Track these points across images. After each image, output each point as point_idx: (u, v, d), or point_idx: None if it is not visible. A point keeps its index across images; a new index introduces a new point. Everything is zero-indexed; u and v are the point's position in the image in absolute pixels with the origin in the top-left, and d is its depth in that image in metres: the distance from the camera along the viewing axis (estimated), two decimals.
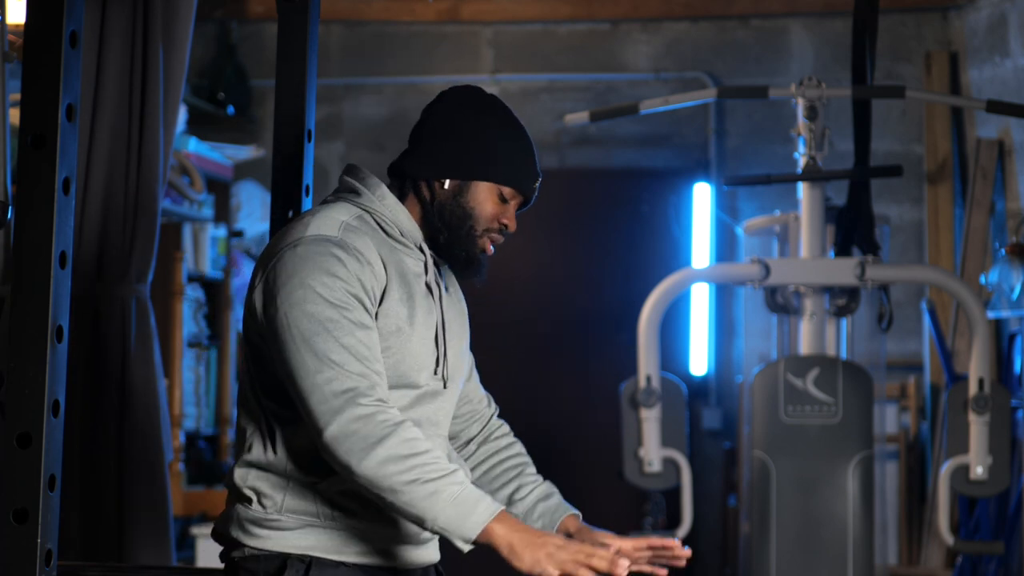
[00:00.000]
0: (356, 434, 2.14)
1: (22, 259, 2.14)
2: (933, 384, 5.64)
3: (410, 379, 2.30)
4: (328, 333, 2.17)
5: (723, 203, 5.91)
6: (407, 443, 2.15)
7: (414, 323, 2.29)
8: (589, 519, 2.56)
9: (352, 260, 2.22)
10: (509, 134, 2.38)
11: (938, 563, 5.41)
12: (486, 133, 2.36)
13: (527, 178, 2.39)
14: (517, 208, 2.41)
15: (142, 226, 3.46)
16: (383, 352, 2.25)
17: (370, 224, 2.32)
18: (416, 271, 2.34)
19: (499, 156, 2.36)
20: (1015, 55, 5.48)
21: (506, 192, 2.37)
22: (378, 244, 2.29)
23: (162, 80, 3.45)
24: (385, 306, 2.26)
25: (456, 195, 2.35)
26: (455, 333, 2.42)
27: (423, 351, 2.31)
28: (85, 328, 3.45)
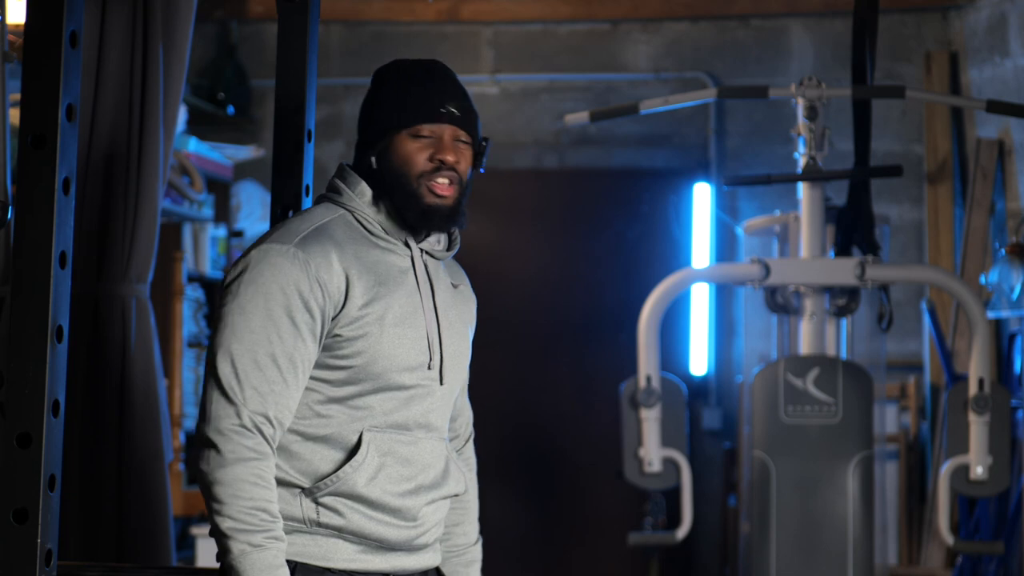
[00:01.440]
0: (209, 450, 2.18)
1: (22, 259, 2.14)
2: (933, 384, 5.64)
3: (390, 380, 2.28)
4: (227, 347, 2.20)
5: (723, 203, 5.91)
6: (240, 483, 2.17)
7: (385, 323, 2.27)
8: (589, 519, 2.57)
9: (294, 269, 2.22)
10: (399, 81, 2.34)
11: (938, 563, 5.41)
12: (379, 93, 2.35)
13: (429, 107, 2.32)
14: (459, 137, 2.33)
15: (142, 226, 3.46)
16: (351, 357, 2.25)
17: (350, 224, 2.32)
18: (402, 267, 2.33)
19: (394, 103, 2.32)
20: (1015, 55, 5.47)
21: (421, 131, 2.31)
22: (352, 245, 2.29)
23: (162, 80, 3.45)
24: (347, 311, 2.25)
25: (383, 163, 2.32)
26: (457, 330, 2.40)
27: (403, 351, 2.29)
28: (85, 328, 3.44)
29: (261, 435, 2.20)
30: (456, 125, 2.33)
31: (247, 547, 2.17)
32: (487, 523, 2.51)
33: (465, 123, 2.34)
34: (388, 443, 2.29)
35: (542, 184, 6.09)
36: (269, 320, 2.21)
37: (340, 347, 2.26)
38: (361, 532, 2.28)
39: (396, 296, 2.30)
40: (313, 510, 2.26)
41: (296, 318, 2.21)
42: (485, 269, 5.92)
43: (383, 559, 2.31)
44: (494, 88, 6.03)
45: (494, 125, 5.99)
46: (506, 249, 6.03)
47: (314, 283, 2.22)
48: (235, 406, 2.19)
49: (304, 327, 2.22)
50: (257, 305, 2.21)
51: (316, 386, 2.27)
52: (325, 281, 2.23)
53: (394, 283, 2.30)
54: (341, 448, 2.27)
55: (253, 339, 2.20)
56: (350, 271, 2.26)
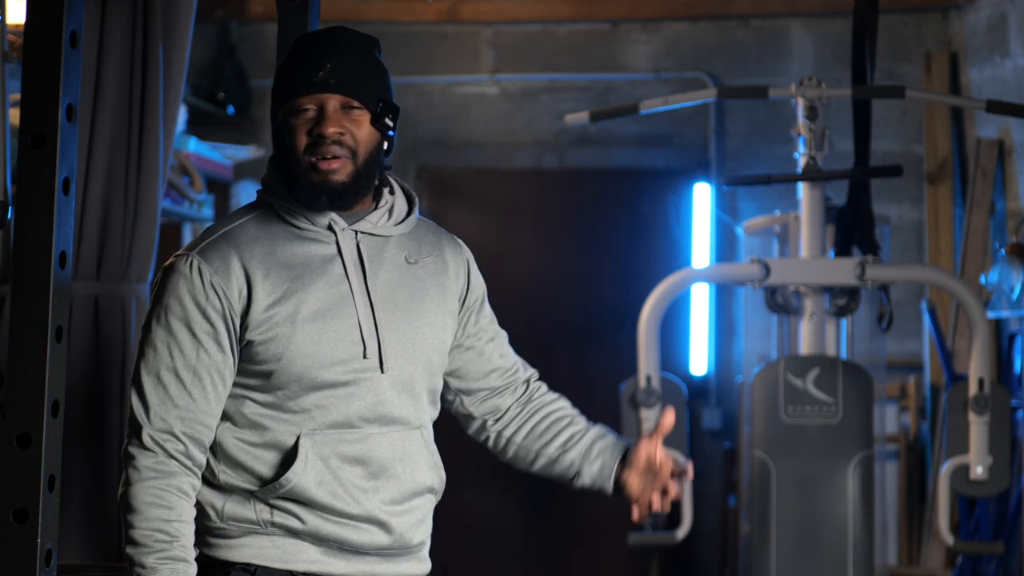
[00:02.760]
0: (124, 472, 2.18)
1: (22, 259, 2.14)
2: (933, 384, 5.64)
3: (314, 379, 2.19)
4: (136, 368, 2.21)
5: (723, 203, 5.91)
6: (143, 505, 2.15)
7: (297, 320, 2.18)
8: (589, 519, 2.56)
9: (190, 280, 2.19)
10: (286, 58, 2.26)
11: (938, 563, 5.41)
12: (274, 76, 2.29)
13: (301, 80, 2.19)
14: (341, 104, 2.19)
15: (142, 226, 3.46)
16: (268, 361, 2.19)
17: (268, 220, 2.24)
18: (326, 255, 2.22)
19: (276, 86, 2.25)
20: (1015, 55, 5.47)
21: (303, 103, 2.18)
22: (264, 243, 2.21)
23: (162, 80, 3.45)
24: (252, 314, 2.18)
25: (276, 147, 2.25)
26: (408, 310, 2.26)
27: (325, 346, 2.19)
28: (85, 328, 3.44)
29: (164, 452, 2.17)
30: (335, 92, 2.18)
31: (140, 569, 2.15)
32: (487, 523, 2.51)
33: (344, 88, 2.18)
34: (331, 444, 2.20)
35: (542, 184, 6.09)
36: (169, 334, 2.19)
37: (255, 353, 2.19)
38: (319, 534, 2.21)
39: (313, 289, 2.20)
40: (267, 511, 2.21)
41: (195, 328, 2.18)
42: (485, 269, 5.91)
43: (348, 563, 2.23)
44: (494, 88, 6.03)
45: (494, 125, 5.99)
46: (506, 249, 6.03)
47: (210, 290, 2.18)
48: (140, 426, 2.18)
49: (205, 336, 2.18)
50: (159, 321, 2.20)
51: (244, 393, 2.22)
52: (222, 286, 2.18)
53: (312, 275, 2.20)
54: (281, 453, 2.20)
55: (155, 356, 2.19)
56: (253, 273, 2.19)
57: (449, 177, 6.02)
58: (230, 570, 2.22)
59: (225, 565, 2.23)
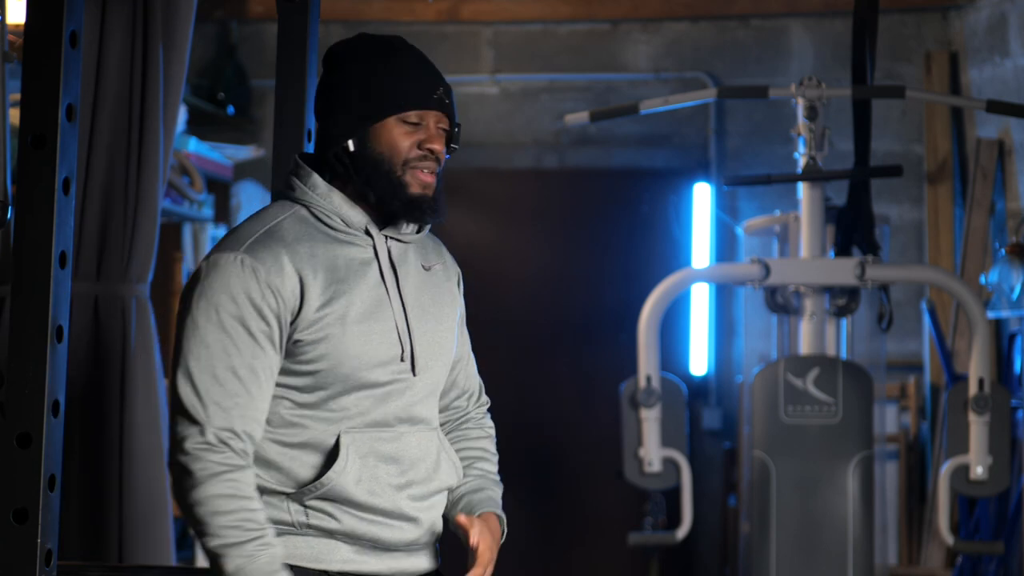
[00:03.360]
0: (182, 475, 2.15)
1: (22, 259, 2.14)
2: (933, 384, 5.64)
3: (361, 380, 2.22)
4: (185, 366, 2.16)
5: (723, 203, 5.91)
6: (214, 499, 2.13)
7: (347, 322, 2.20)
8: (589, 519, 2.56)
9: (244, 278, 2.16)
10: (380, 62, 2.25)
11: (938, 563, 5.41)
12: (357, 75, 2.25)
13: (420, 92, 2.24)
14: (443, 124, 2.27)
15: (142, 226, 3.46)
16: (316, 361, 2.19)
17: (305, 220, 2.25)
18: (364, 258, 2.25)
19: (379, 89, 2.23)
20: (1015, 55, 5.47)
21: (410, 117, 2.23)
22: (307, 243, 2.21)
23: (162, 80, 3.45)
24: (304, 314, 2.18)
25: (363, 150, 2.23)
26: (432, 315, 2.31)
27: (371, 348, 2.21)
28: (85, 328, 3.44)
29: (230, 449, 2.15)
30: (443, 112, 2.27)
31: (240, 560, 2.13)
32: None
33: (450, 110, 2.28)
34: (369, 443, 2.22)
35: (542, 184, 6.09)
36: (223, 332, 2.16)
37: (303, 352, 2.19)
38: (355, 533, 2.23)
39: (358, 291, 2.22)
40: (302, 513, 2.22)
41: (251, 326, 2.16)
42: (485, 269, 5.92)
43: (379, 560, 2.26)
44: (494, 88, 6.03)
45: (494, 125, 5.99)
46: (506, 249, 6.03)
47: (266, 289, 2.16)
48: (199, 425, 2.15)
49: (261, 335, 2.16)
50: (210, 319, 2.16)
51: (285, 394, 2.22)
52: (277, 286, 2.17)
53: (355, 278, 2.22)
54: (320, 453, 2.21)
55: (210, 354, 2.15)
56: (304, 272, 2.19)
57: (449, 177, 5.99)
58: None
59: None
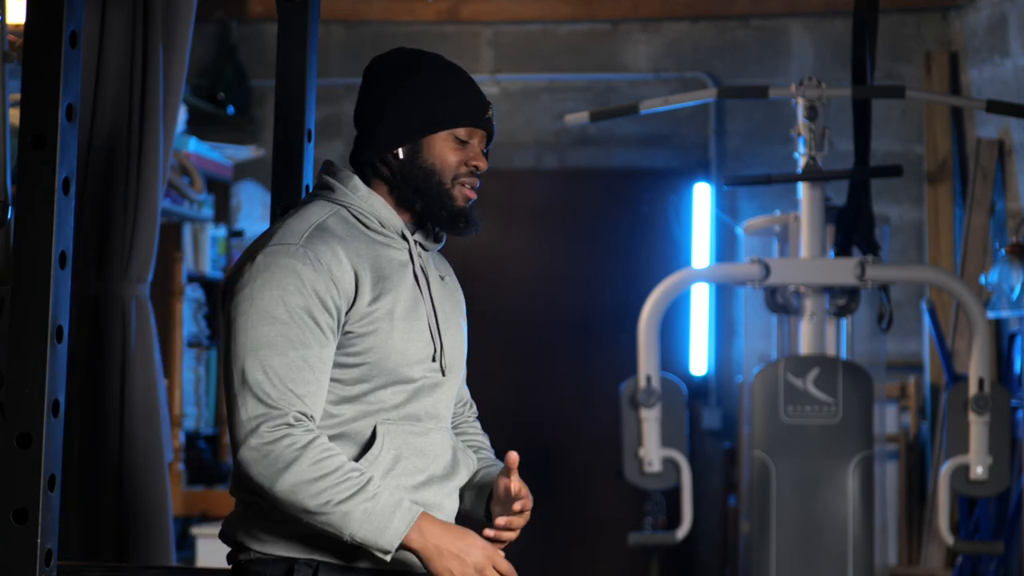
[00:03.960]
0: (264, 459, 2.15)
1: (22, 259, 2.14)
2: (933, 384, 5.64)
3: (401, 374, 2.27)
4: (255, 353, 2.17)
5: (723, 203, 5.91)
6: (315, 465, 2.14)
7: (394, 318, 2.25)
8: (589, 519, 2.57)
9: (308, 269, 2.20)
10: (436, 77, 2.33)
11: (938, 563, 5.41)
12: (414, 87, 2.32)
13: (473, 111, 2.33)
14: (484, 143, 2.35)
15: (142, 226, 3.46)
16: (363, 354, 2.23)
17: (346, 220, 2.30)
18: (401, 260, 2.31)
19: (435, 103, 2.31)
20: (1015, 55, 5.47)
21: (460, 134, 2.31)
22: (353, 241, 2.27)
23: (162, 80, 3.45)
24: (357, 308, 2.23)
25: (413, 159, 2.30)
26: (452, 321, 2.39)
27: (412, 344, 2.28)
28: (85, 328, 3.44)
29: (307, 427, 2.18)
30: (489, 132, 2.35)
31: (365, 504, 2.15)
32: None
33: (493, 131, 2.37)
34: (402, 435, 2.27)
35: (542, 184, 6.09)
36: (292, 322, 2.18)
37: (352, 344, 2.23)
38: None
39: (401, 289, 2.28)
40: None
41: (318, 318, 2.19)
42: (485, 269, 5.92)
43: (403, 553, 2.26)
44: (494, 88, 6.03)
45: None
46: (506, 249, 6.03)
47: (328, 281, 2.20)
48: (277, 410, 2.16)
49: (325, 326, 2.20)
50: (277, 307, 2.18)
51: (331, 387, 2.25)
52: (338, 278, 2.21)
53: (397, 277, 2.29)
54: (355, 444, 2.25)
55: (280, 343, 2.17)
56: (357, 266, 2.24)
57: None
58: (292, 565, 2.24)
59: (283, 562, 2.24)
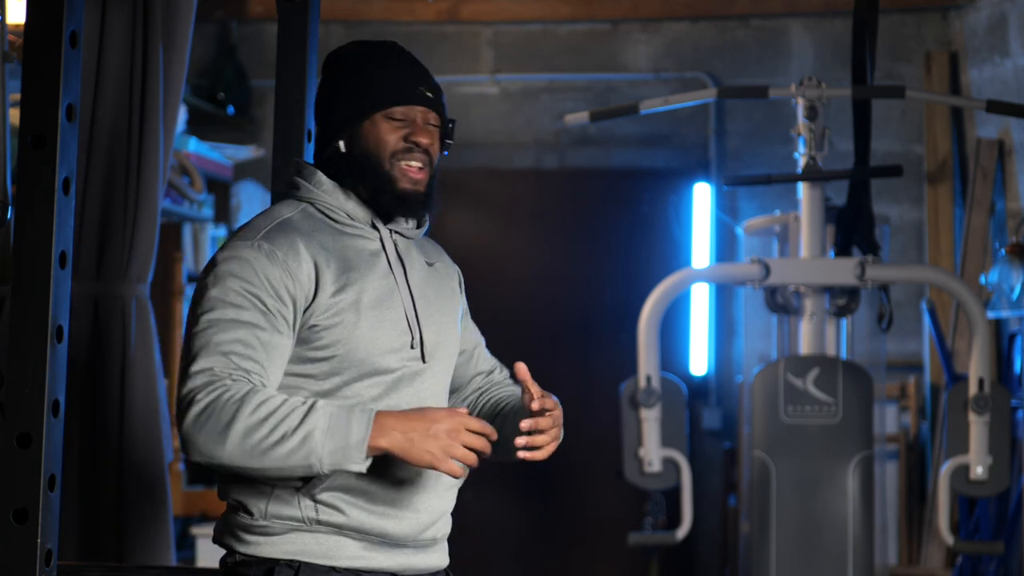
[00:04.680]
0: (206, 424, 2.13)
1: (22, 259, 2.14)
2: (933, 384, 5.64)
3: (374, 365, 2.26)
4: (202, 334, 2.19)
5: (723, 203, 5.91)
6: (258, 408, 2.12)
7: (360, 308, 2.24)
8: (589, 519, 2.56)
9: (261, 260, 2.20)
10: (364, 64, 2.32)
11: (938, 563, 5.41)
12: (344, 79, 2.32)
13: (403, 89, 2.30)
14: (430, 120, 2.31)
15: (142, 226, 3.46)
16: (331, 346, 2.23)
17: (314, 216, 2.30)
18: (372, 250, 2.31)
19: (363, 89, 2.30)
20: (1015, 55, 5.47)
21: (395, 113, 2.29)
22: (317, 235, 2.27)
23: (162, 80, 3.45)
24: (319, 300, 2.23)
25: (353, 149, 2.30)
26: (437, 307, 2.37)
27: (382, 334, 2.26)
28: (85, 328, 3.44)
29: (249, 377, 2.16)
30: (429, 107, 2.31)
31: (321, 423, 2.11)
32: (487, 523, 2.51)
33: (437, 106, 2.32)
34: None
35: (542, 184, 6.09)
36: (242, 307, 2.18)
37: (319, 337, 2.23)
38: (363, 528, 2.25)
39: (369, 279, 2.27)
40: (312, 508, 2.23)
41: (268, 304, 2.19)
42: (485, 269, 5.92)
43: (388, 556, 2.28)
44: (494, 88, 6.03)
45: (494, 125, 5.99)
46: (506, 249, 6.03)
47: (283, 272, 2.21)
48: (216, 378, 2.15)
49: (278, 314, 2.20)
50: (228, 294, 2.19)
51: (301, 383, 2.25)
52: (294, 270, 2.21)
53: (365, 267, 2.28)
54: None
55: (227, 324, 2.18)
56: (318, 259, 2.24)
57: (449, 177, 5.99)
58: (274, 566, 2.24)
59: (267, 562, 2.25)
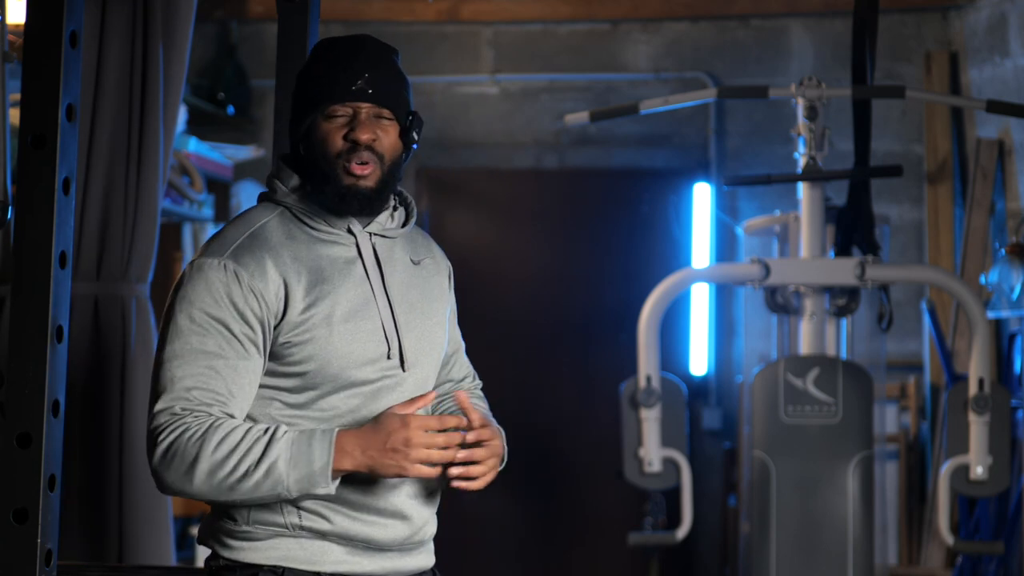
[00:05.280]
0: (171, 463, 2.13)
1: (22, 259, 2.14)
2: (933, 384, 5.64)
3: (349, 378, 2.23)
4: (166, 365, 2.17)
5: (723, 203, 5.91)
6: (221, 445, 2.12)
7: (333, 322, 2.21)
8: (589, 519, 2.56)
9: (227, 283, 2.18)
10: (311, 64, 2.29)
11: (938, 563, 5.41)
12: (300, 77, 2.29)
13: (336, 88, 2.23)
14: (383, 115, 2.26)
15: (142, 226, 3.46)
16: (304, 362, 2.21)
17: (288, 222, 2.26)
18: (347, 257, 2.27)
19: (307, 89, 2.26)
20: (1015, 55, 5.47)
21: (335, 112, 2.23)
22: (288, 246, 2.23)
23: (162, 80, 3.45)
24: (288, 318, 2.20)
25: (307, 152, 2.26)
26: (420, 311, 2.33)
27: (356, 346, 2.23)
28: (85, 328, 3.44)
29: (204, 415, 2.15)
30: (371, 102, 2.24)
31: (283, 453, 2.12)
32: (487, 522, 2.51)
33: (380, 98, 2.24)
34: None
35: (542, 184, 6.09)
36: (205, 333, 2.17)
37: (290, 354, 2.21)
38: (347, 534, 2.24)
39: (342, 291, 2.24)
40: (295, 515, 2.22)
41: (234, 329, 2.17)
42: (485, 269, 5.92)
43: (373, 560, 2.26)
44: (494, 88, 6.03)
45: (494, 125, 5.99)
46: (506, 249, 6.03)
47: (248, 293, 2.18)
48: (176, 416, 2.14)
49: (244, 338, 2.18)
50: (192, 319, 2.17)
51: (275, 395, 2.23)
52: (260, 290, 2.19)
53: (339, 277, 2.24)
54: None
55: (189, 354, 2.16)
56: (287, 275, 2.21)
57: (449, 177, 6.03)
58: (258, 572, 2.23)
59: (251, 567, 2.23)
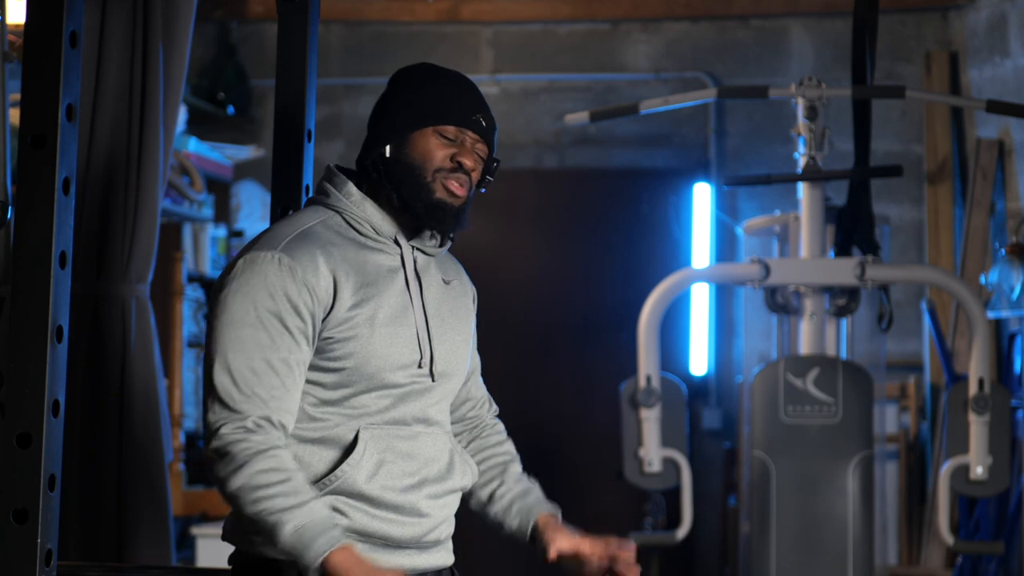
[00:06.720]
0: (221, 460, 2.19)
1: (22, 259, 2.14)
2: (933, 384, 5.64)
3: (383, 380, 2.28)
4: (223, 357, 2.21)
5: (723, 203, 5.91)
6: (260, 474, 2.17)
7: (375, 323, 2.27)
8: (589, 519, 2.56)
9: (280, 275, 2.22)
10: (431, 80, 2.35)
11: (938, 563, 5.41)
12: (405, 90, 2.35)
13: (460, 110, 2.33)
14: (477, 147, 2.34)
15: (142, 226, 3.46)
16: (343, 359, 2.26)
17: (337, 225, 2.32)
18: (391, 266, 2.32)
19: (424, 102, 2.32)
20: (1015, 55, 5.47)
21: (447, 132, 2.31)
22: (339, 247, 2.28)
23: (162, 80, 3.45)
24: (335, 313, 2.25)
25: (399, 156, 2.31)
26: (451, 326, 2.39)
27: (394, 350, 2.28)
28: (85, 328, 3.44)
29: (268, 432, 2.21)
30: (481, 136, 2.34)
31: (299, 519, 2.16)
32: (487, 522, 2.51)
33: (487, 135, 2.36)
34: (386, 439, 2.29)
35: (542, 184, 6.09)
36: (261, 327, 2.21)
37: (332, 349, 2.26)
38: (365, 531, 2.27)
39: (386, 296, 2.29)
40: None
41: (287, 322, 2.22)
42: (485, 269, 5.92)
43: (392, 557, 2.29)
44: (494, 88, 6.03)
45: None
46: (506, 249, 6.03)
47: (301, 287, 2.22)
48: (238, 414, 2.19)
49: (296, 331, 2.22)
50: (247, 313, 2.21)
51: (310, 389, 2.27)
52: (312, 284, 2.23)
53: (383, 283, 2.30)
54: (338, 447, 2.27)
55: (247, 347, 2.21)
56: (337, 273, 2.26)
57: None
58: (280, 567, 2.24)
59: (271, 563, 2.25)
